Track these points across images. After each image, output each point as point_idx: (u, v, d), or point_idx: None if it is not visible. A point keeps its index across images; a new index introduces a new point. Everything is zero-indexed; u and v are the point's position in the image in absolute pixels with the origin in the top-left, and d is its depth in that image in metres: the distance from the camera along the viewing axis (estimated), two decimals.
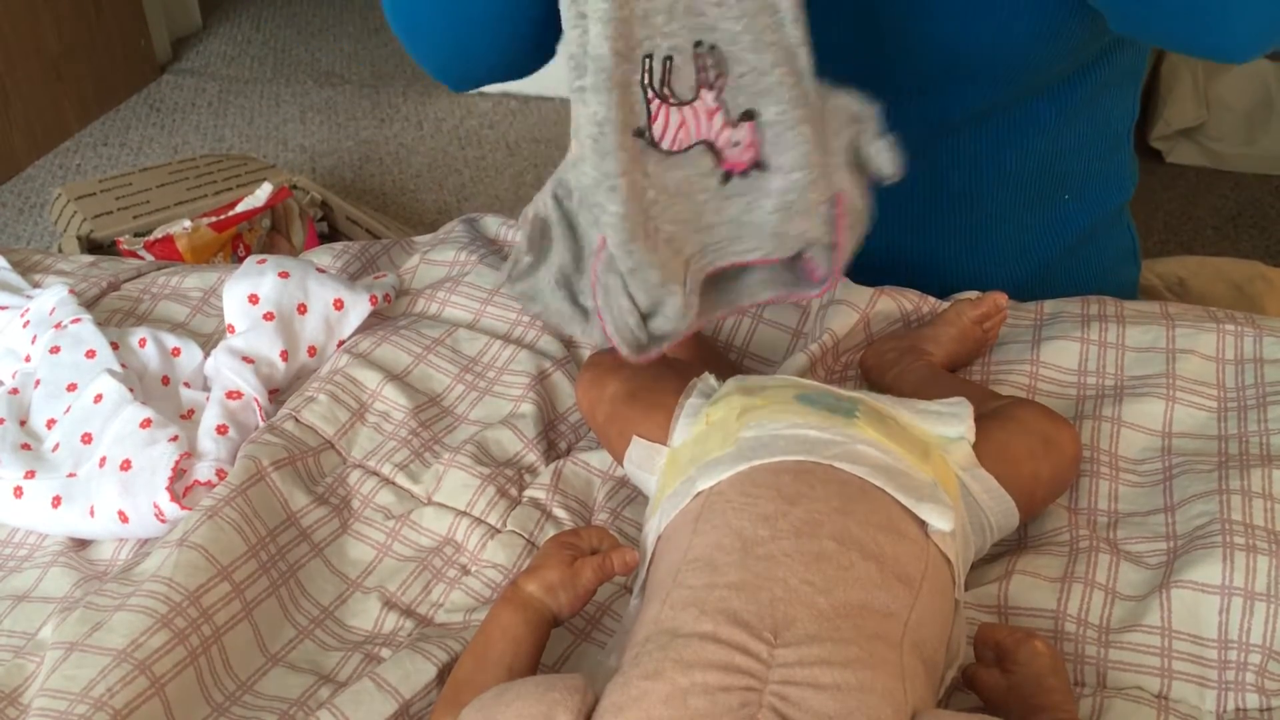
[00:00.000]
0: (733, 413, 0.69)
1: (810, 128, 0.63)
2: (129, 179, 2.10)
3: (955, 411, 0.71)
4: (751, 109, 0.63)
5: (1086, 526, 0.74)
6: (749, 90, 0.62)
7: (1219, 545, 0.68)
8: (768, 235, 0.66)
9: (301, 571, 0.77)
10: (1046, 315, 0.90)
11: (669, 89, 0.61)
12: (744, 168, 0.64)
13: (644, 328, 0.66)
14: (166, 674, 0.67)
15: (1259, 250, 2.15)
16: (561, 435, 0.88)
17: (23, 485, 0.82)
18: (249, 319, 0.92)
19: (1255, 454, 0.76)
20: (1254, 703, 0.64)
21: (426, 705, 0.66)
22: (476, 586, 0.76)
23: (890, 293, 0.92)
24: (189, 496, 0.80)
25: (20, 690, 0.70)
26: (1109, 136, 0.98)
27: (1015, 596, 0.70)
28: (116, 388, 0.86)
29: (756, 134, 0.64)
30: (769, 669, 0.53)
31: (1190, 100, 2.33)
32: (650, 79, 0.60)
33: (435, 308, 0.98)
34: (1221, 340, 0.84)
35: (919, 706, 0.55)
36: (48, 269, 1.09)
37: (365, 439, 0.87)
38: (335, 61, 3.08)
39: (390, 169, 2.57)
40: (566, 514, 0.80)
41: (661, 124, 0.62)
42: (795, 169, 0.64)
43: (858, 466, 0.63)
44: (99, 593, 0.73)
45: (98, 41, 2.72)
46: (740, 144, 0.64)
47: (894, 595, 0.58)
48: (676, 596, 0.58)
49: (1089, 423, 0.80)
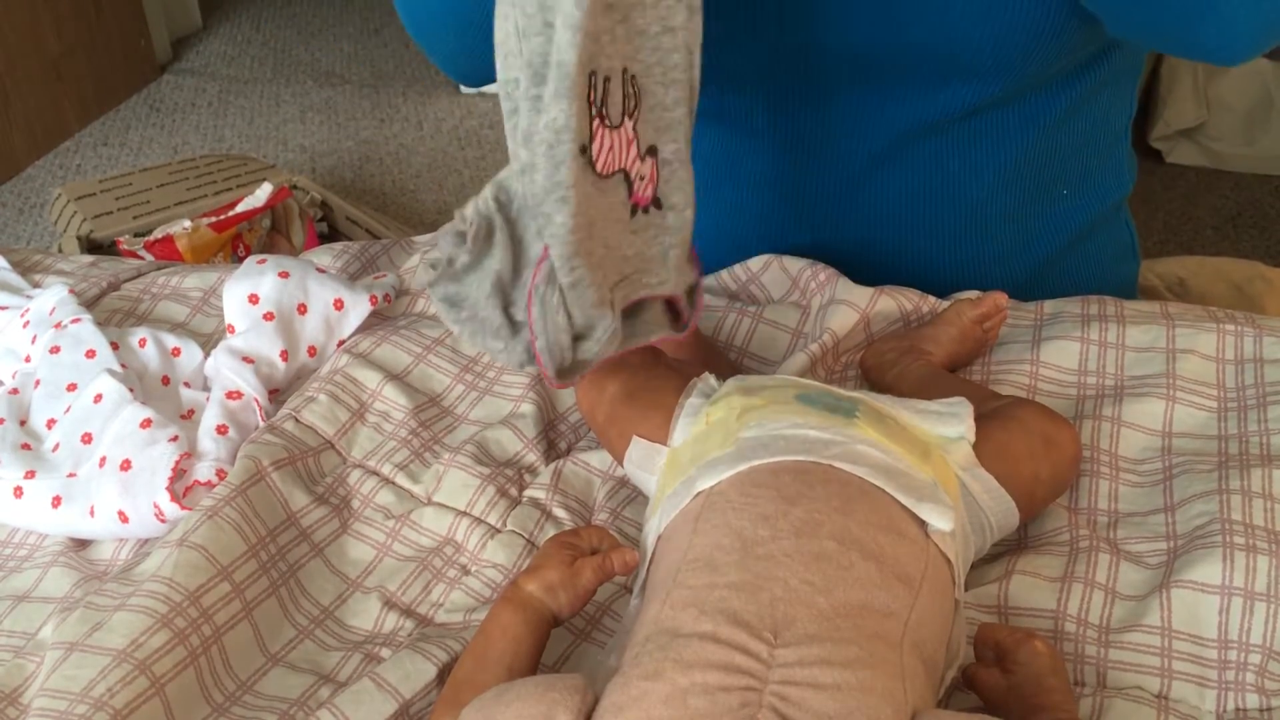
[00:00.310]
0: (733, 413, 0.69)
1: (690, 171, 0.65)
2: (129, 179, 2.10)
3: (955, 411, 0.71)
4: (654, 145, 0.64)
5: (1086, 526, 0.74)
6: (654, 125, 0.63)
7: (1219, 545, 0.68)
8: (670, 270, 0.67)
9: (301, 571, 0.77)
10: (1046, 315, 0.90)
11: (605, 110, 0.60)
12: (645, 204, 0.65)
13: (573, 349, 0.65)
14: (166, 674, 0.67)
15: (1259, 250, 2.15)
16: (561, 435, 0.88)
17: (23, 485, 0.82)
18: (249, 319, 0.92)
19: (1255, 454, 0.76)
20: (1254, 703, 0.64)
21: (426, 705, 0.66)
22: (476, 586, 0.76)
23: (890, 292, 0.92)
24: (189, 496, 0.80)
25: (20, 690, 0.70)
26: (1108, 133, 0.98)
27: (1015, 596, 0.70)
28: (116, 388, 0.86)
29: (657, 170, 0.64)
30: (769, 669, 0.53)
31: (1190, 100, 2.33)
32: (594, 95, 0.60)
33: (435, 308, 0.98)
34: (1221, 340, 0.84)
35: (919, 706, 0.55)
36: (48, 269, 1.09)
37: (365, 439, 0.87)
38: (335, 61, 3.08)
39: (390, 169, 2.57)
40: (566, 514, 0.80)
41: (598, 144, 0.61)
42: (686, 207, 0.65)
43: (858, 466, 0.63)
44: (99, 593, 0.73)
45: (98, 41, 2.72)
46: (645, 179, 0.64)
47: (894, 595, 0.58)
48: (676, 596, 0.58)
49: (1089, 422, 0.80)
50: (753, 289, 0.97)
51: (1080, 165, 0.97)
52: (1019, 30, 0.80)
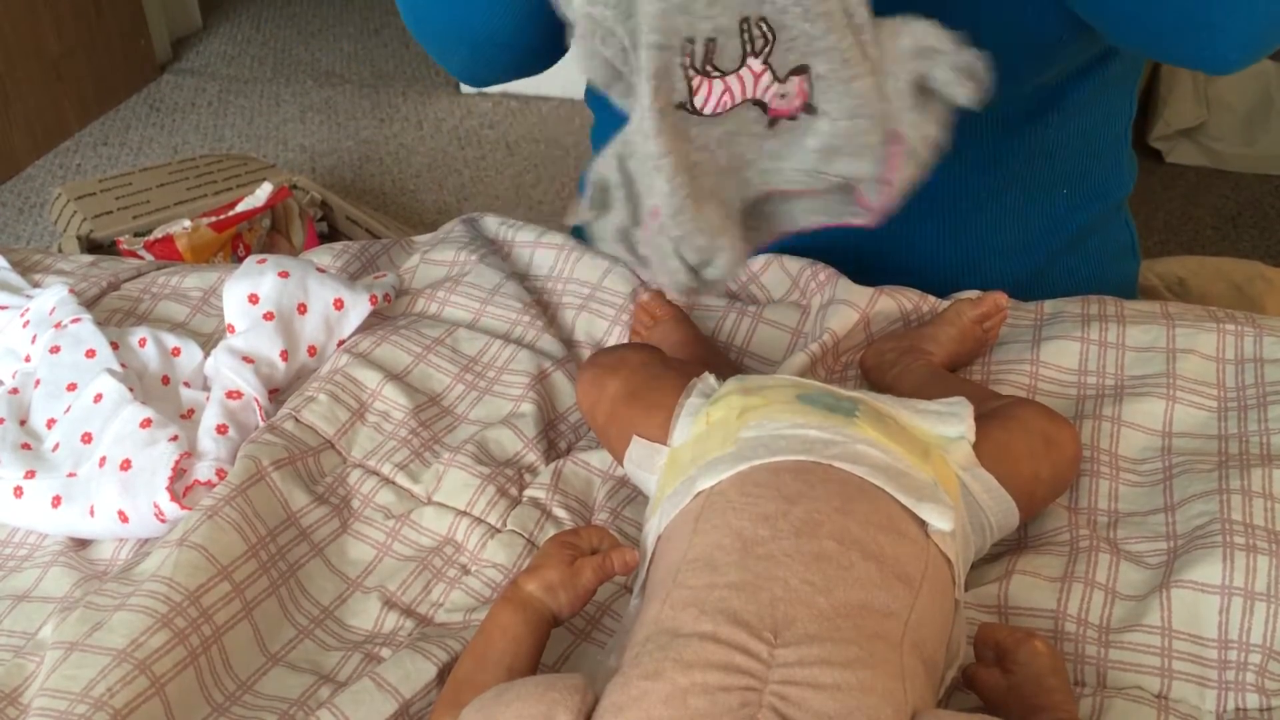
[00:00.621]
0: (733, 412, 0.69)
1: (865, 82, 0.63)
2: (129, 179, 2.10)
3: (955, 411, 0.71)
4: (802, 64, 0.63)
5: (1086, 526, 0.74)
6: (799, 50, 0.63)
7: (1219, 545, 0.68)
8: (807, 170, 0.66)
9: (301, 571, 0.77)
10: (1046, 315, 0.90)
11: (712, 66, 0.62)
12: (791, 113, 0.65)
13: (696, 278, 0.67)
14: (166, 674, 0.67)
15: (1259, 250, 2.15)
16: (561, 435, 0.88)
17: (23, 485, 0.82)
18: (249, 319, 0.92)
19: (1255, 454, 0.76)
20: (1254, 703, 0.64)
21: (426, 705, 0.66)
22: (476, 586, 0.76)
23: (890, 292, 0.92)
24: (189, 496, 0.80)
25: (20, 690, 0.70)
26: (1108, 133, 0.98)
27: (1015, 596, 0.70)
28: (116, 387, 0.86)
29: (806, 85, 0.64)
30: (769, 669, 0.53)
31: (1190, 100, 2.34)
32: (692, 60, 0.61)
33: (435, 307, 0.98)
34: (1222, 340, 0.84)
35: (919, 706, 0.55)
36: (48, 269, 1.09)
37: (365, 439, 0.87)
38: (335, 61, 3.08)
39: (390, 169, 2.57)
40: (566, 514, 0.80)
41: (704, 96, 0.63)
42: (844, 117, 0.64)
43: (858, 466, 0.63)
44: (99, 592, 0.73)
45: (98, 41, 2.72)
46: (789, 95, 0.64)
47: (894, 595, 0.58)
48: (676, 596, 0.58)
49: (1089, 422, 0.80)
50: (753, 289, 0.97)
51: (1080, 165, 0.97)
52: (1022, 38, 0.80)
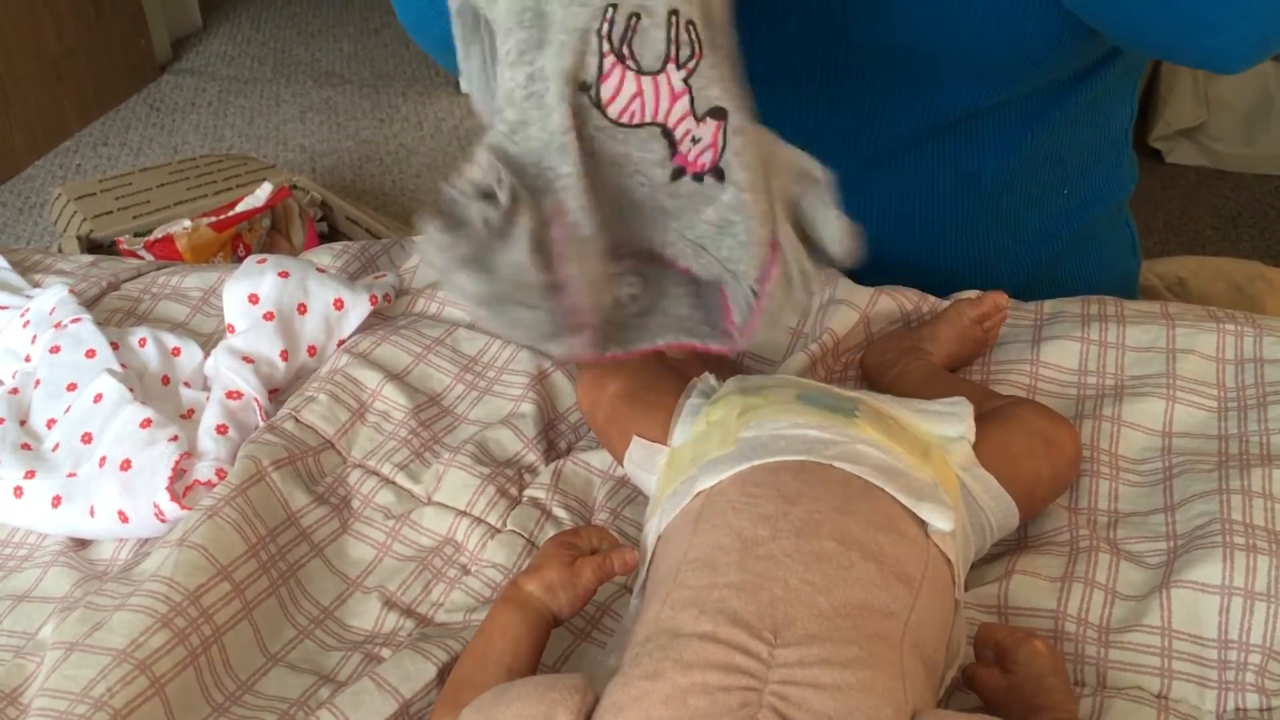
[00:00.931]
0: (733, 412, 0.69)
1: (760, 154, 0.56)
2: (129, 179, 2.10)
3: (955, 411, 0.71)
4: (722, 107, 0.55)
5: (1086, 526, 0.74)
6: (721, 84, 0.54)
7: (1219, 545, 0.68)
8: (694, 240, 0.58)
9: (301, 571, 0.77)
10: (1046, 315, 0.90)
11: (629, 49, 0.53)
12: (701, 171, 0.56)
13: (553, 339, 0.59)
14: (166, 674, 0.67)
15: (1259, 250, 2.15)
16: (561, 435, 0.88)
17: (23, 485, 0.82)
18: (249, 319, 0.92)
19: (1255, 454, 0.76)
20: (1254, 703, 0.64)
21: (426, 705, 0.66)
22: (476, 586, 0.76)
23: (890, 292, 0.92)
24: (189, 496, 0.80)
25: (20, 690, 0.70)
26: (1109, 134, 0.98)
27: (1015, 596, 0.70)
28: (116, 387, 0.86)
29: (721, 137, 0.55)
30: (769, 669, 0.53)
31: (1190, 100, 2.34)
32: (610, 29, 0.52)
33: (435, 307, 0.98)
34: (1222, 340, 0.84)
35: (919, 706, 0.55)
36: (48, 269, 1.09)
37: (365, 439, 0.87)
38: (335, 61, 3.08)
39: (390, 169, 2.57)
40: (566, 514, 0.80)
41: (613, 86, 0.53)
42: (749, 190, 0.56)
43: (858, 466, 0.63)
44: (99, 592, 0.73)
45: (98, 41, 2.72)
46: (702, 142, 0.55)
47: (894, 595, 0.58)
48: (676, 596, 0.58)
49: (1089, 422, 0.80)
50: None
51: (1081, 166, 0.97)
52: (1025, 38, 0.80)
